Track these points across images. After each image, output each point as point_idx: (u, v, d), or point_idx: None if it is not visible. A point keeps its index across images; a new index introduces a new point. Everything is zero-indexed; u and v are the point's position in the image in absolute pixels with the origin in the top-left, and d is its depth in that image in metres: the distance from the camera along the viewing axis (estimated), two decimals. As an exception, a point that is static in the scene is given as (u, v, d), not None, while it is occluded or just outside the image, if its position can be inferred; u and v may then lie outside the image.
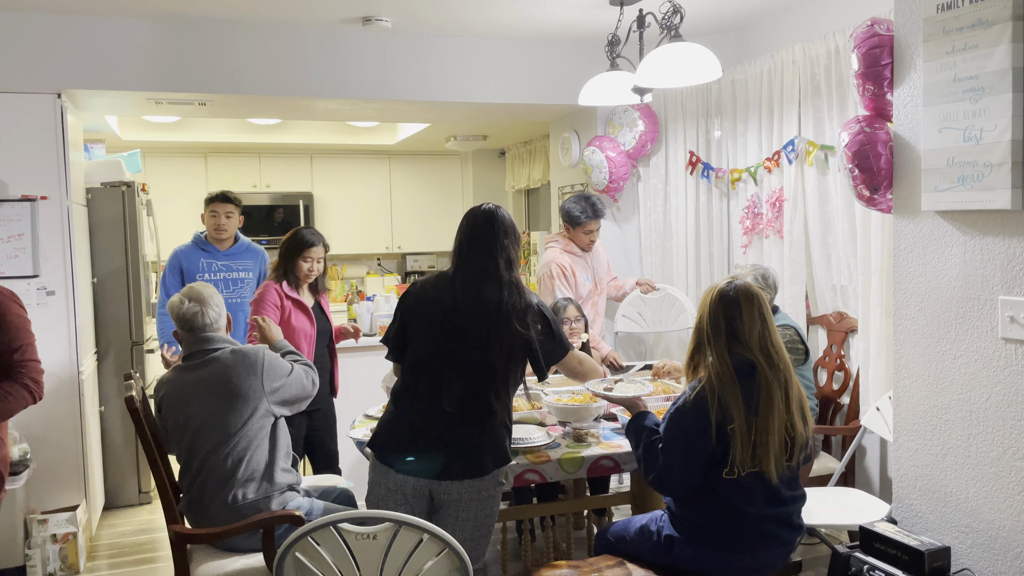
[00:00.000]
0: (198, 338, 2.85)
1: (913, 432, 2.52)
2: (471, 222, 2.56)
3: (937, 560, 2.26)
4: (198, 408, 2.76)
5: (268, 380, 2.81)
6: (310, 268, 3.80)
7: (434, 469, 2.45)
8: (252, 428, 2.77)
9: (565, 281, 4.32)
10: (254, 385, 2.78)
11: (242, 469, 2.73)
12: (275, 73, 4.34)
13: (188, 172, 7.17)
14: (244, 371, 2.78)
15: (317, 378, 3.10)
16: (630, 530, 2.64)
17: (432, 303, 2.52)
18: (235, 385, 2.76)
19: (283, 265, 3.79)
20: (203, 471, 2.75)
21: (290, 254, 3.78)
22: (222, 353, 2.82)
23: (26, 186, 3.98)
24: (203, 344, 2.85)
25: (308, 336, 3.76)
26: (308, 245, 3.77)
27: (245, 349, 2.86)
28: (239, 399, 2.75)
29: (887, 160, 2.55)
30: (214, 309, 2.88)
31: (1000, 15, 2.12)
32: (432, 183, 7.92)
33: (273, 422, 2.85)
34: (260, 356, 2.84)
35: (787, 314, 3.87)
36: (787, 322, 3.69)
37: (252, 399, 2.77)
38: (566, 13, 4.19)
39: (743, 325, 2.38)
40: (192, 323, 2.85)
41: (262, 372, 2.80)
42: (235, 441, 2.74)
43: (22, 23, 3.93)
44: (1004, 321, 2.19)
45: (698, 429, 2.35)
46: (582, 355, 2.79)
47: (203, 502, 2.74)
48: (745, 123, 4.45)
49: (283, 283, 3.76)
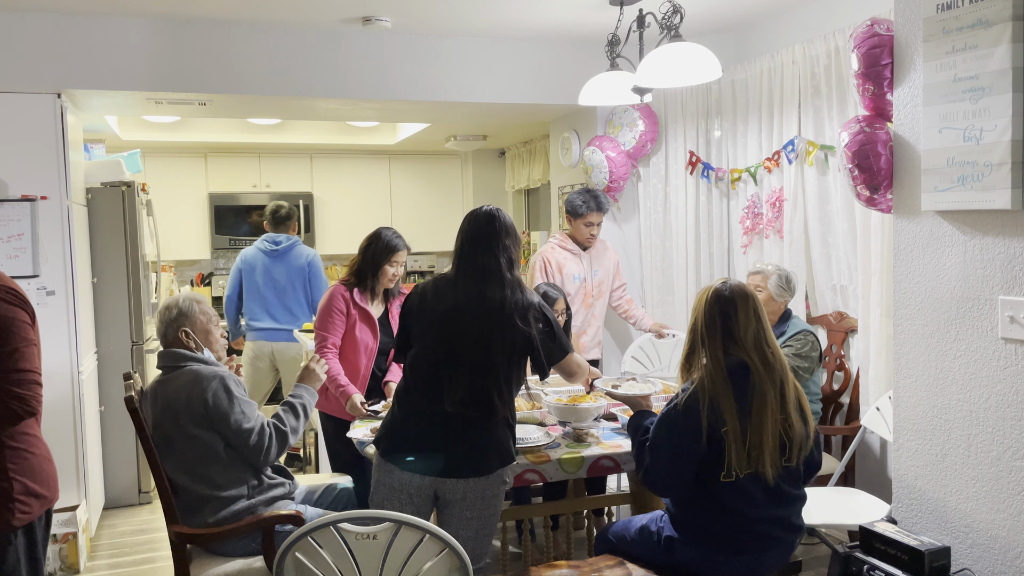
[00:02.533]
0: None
1: (913, 432, 2.52)
2: (472, 223, 2.58)
3: (937, 560, 2.26)
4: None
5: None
6: (395, 274, 3.60)
7: (438, 467, 2.46)
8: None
9: (545, 276, 4.32)
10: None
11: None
12: (275, 73, 4.34)
13: (188, 172, 7.17)
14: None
15: (270, 449, 2.77)
16: (631, 530, 2.64)
17: (433, 304, 2.54)
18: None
19: (365, 271, 3.55)
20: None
21: (376, 260, 3.54)
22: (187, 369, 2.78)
23: (26, 186, 3.97)
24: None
25: (369, 350, 3.56)
26: (395, 249, 3.57)
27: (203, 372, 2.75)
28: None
29: (887, 160, 2.55)
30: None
31: (1000, 15, 2.12)
32: (432, 183, 7.92)
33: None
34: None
35: (799, 319, 3.85)
36: (805, 327, 3.69)
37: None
38: (566, 13, 4.19)
39: (738, 324, 2.38)
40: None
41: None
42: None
43: (22, 23, 3.93)
44: (1004, 321, 2.19)
45: (688, 434, 2.35)
46: (580, 359, 2.79)
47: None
48: (745, 123, 4.45)
49: (355, 290, 3.53)
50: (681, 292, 4.85)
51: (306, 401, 2.94)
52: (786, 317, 3.75)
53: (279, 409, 2.89)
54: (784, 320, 3.73)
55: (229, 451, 2.72)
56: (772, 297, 3.68)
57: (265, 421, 2.78)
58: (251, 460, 2.75)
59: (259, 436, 2.73)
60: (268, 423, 2.79)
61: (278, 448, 2.79)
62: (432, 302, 2.55)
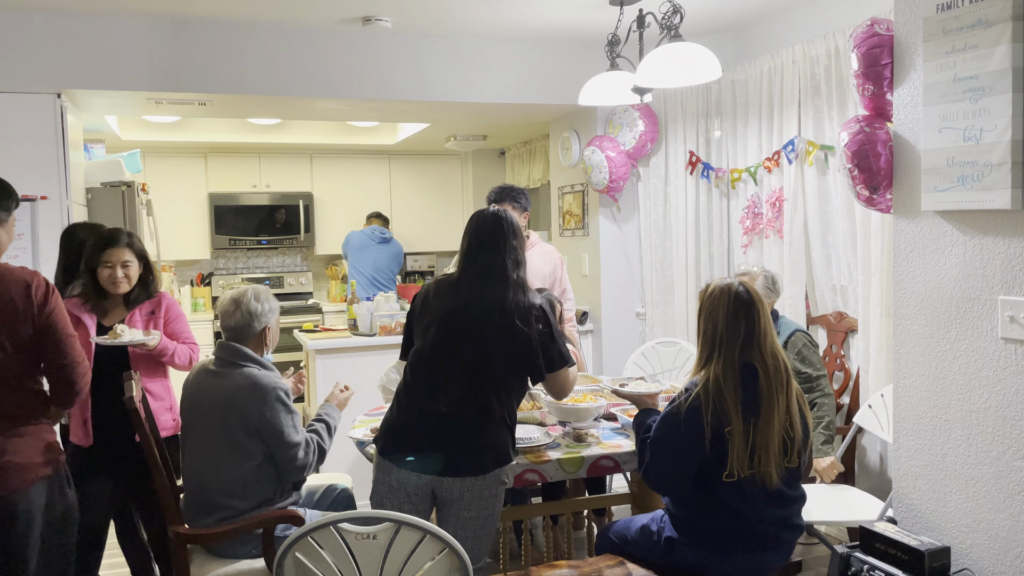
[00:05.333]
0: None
1: (913, 432, 2.52)
2: (479, 223, 2.58)
3: (937, 560, 2.26)
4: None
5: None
6: (111, 276, 3.05)
7: (436, 466, 2.46)
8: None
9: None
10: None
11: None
12: (275, 73, 4.34)
13: (188, 172, 7.17)
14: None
15: (311, 465, 2.74)
16: (631, 529, 2.64)
17: (434, 304, 2.55)
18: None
19: (83, 271, 3.11)
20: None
21: (89, 256, 3.07)
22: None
23: (26, 186, 3.97)
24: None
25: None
26: (111, 243, 3.07)
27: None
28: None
29: (887, 160, 2.55)
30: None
31: (1000, 15, 2.12)
32: (432, 183, 7.91)
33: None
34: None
35: (787, 318, 3.82)
36: (796, 327, 3.61)
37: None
38: (566, 13, 4.19)
39: (759, 327, 2.38)
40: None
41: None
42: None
43: (22, 23, 3.93)
44: (1004, 321, 2.19)
45: (690, 433, 2.35)
46: (574, 375, 2.66)
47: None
48: (745, 123, 4.45)
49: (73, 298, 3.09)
50: (681, 292, 4.85)
51: (336, 421, 2.95)
52: (774, 317, 3.65)
53: (316, 426, 2.87)
54: (774, 321, 3.66)
55: (266, 464, 2.68)
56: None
57: (308, 437, 2.76)
58: (292, 476, 2.73)
59: (305, 452, 2.71)
60: (312, 439, 2.77)
61: (317, 464, 2.78)
62: (433, 302, 2.56)
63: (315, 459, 2.76)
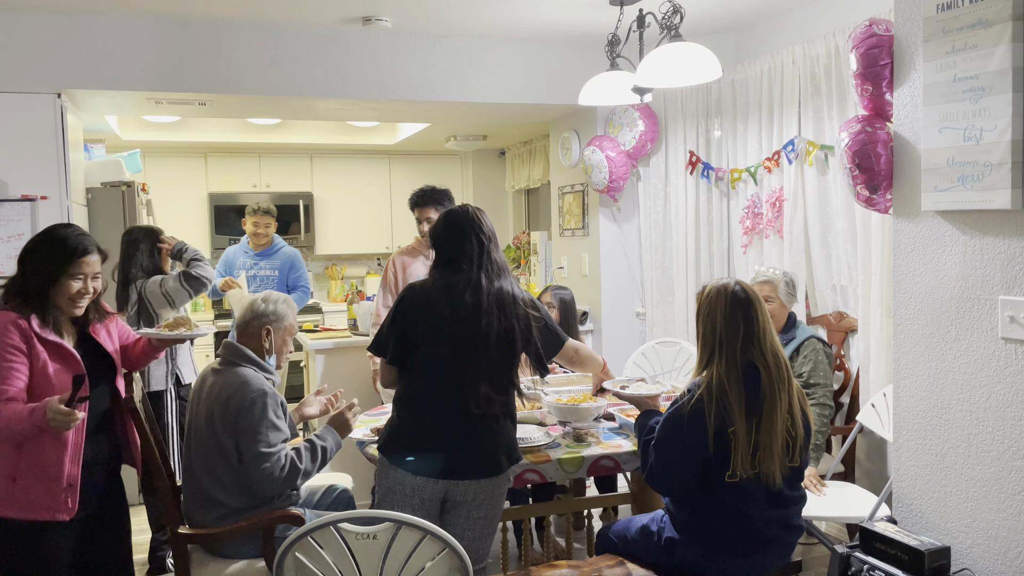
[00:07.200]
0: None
1: (913, 432, 2.52)
2: (449, 219, 2.58)
3: (937, 560, 2.26)
4: None
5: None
6: (82, 289, 2.52)
7: (451, 469, 2.45)
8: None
9: (388, 280, 4.16)
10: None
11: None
12: (275, 73, 4.34)
13: (188, 172, 7.17)
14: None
15: (278, 480, 2.63)
16: (631, 529, 2.64)
17: (436, 304, 2.49)
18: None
19: (35, 289, 2.48)
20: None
21: (51, 269, 2.48)
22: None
23: (26, 186, 3.98)
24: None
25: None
26: (81, 253, 2.52)
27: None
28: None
29: (887, 160, 2.55)
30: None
31: (1000, 15, 2.12)
32: (432, 183, 7.85)
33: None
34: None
35: (805, 324, 3.76)
36: (812, 334, 3.58)
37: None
38: (566, 13, 4.19)
39: (758, 326, 2.38)
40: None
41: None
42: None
43: (22, 23, 3.93)
44: (1004, 321, 2.19)
45: (693, 434, 2.35)
46: (578, 344, 2.82)
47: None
48: (745, 123, 4.45)
49: (31, 317, 2.44)
50: (681, 292, 4.85)
51: (329, 445, 2.79)
52: (791, 323, 3.64)
53: (301, 445, 2.74)
54: (791, 327, 3.62)
55: (241, 466, 2.66)
56: (783, 305, 3.59)
57: (284, 452, 2.65)
58: (259, 483, 2.63)
59: (274, 464, 2.61)
60: (287, 455, 2.66)
61: (284, 484, 2.65)
62: (434, 302, 2.50)
63: (285, 475, 2.63)
